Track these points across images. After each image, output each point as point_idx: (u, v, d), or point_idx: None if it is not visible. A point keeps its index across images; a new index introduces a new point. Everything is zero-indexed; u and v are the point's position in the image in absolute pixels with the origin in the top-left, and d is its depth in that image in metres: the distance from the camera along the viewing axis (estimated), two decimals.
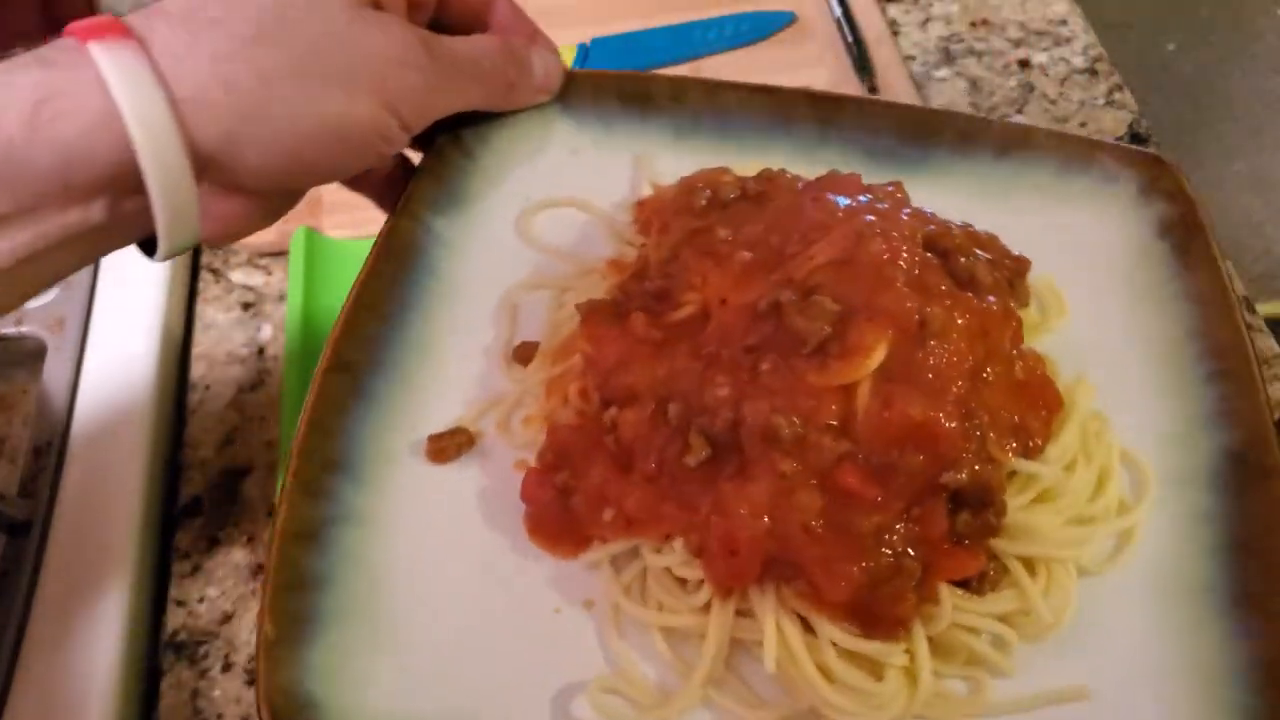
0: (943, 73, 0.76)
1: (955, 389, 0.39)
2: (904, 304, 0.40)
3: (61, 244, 0.36)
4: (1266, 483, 0.42)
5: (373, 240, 0.48)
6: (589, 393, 0.45)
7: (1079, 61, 0.76)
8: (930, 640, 0.40)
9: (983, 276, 0.43)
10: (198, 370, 0.63)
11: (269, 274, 0.67)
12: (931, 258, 0.42)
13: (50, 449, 0.55)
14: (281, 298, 0.66)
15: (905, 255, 0.41)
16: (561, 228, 0.53)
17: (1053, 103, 0.73)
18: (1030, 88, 0.74)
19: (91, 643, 0.49)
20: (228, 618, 0.53)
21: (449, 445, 0.46)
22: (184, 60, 0.37)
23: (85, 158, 0.35)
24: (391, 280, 0.48)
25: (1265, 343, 0.61)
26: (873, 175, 0.49)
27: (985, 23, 0.79)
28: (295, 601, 0.40)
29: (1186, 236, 0.49)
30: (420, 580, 0.43)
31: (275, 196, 0.42)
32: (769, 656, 0.39)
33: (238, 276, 0.67)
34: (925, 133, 0.53)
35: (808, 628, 0.40)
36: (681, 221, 0.48)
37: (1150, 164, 0.51)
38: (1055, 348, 0.47)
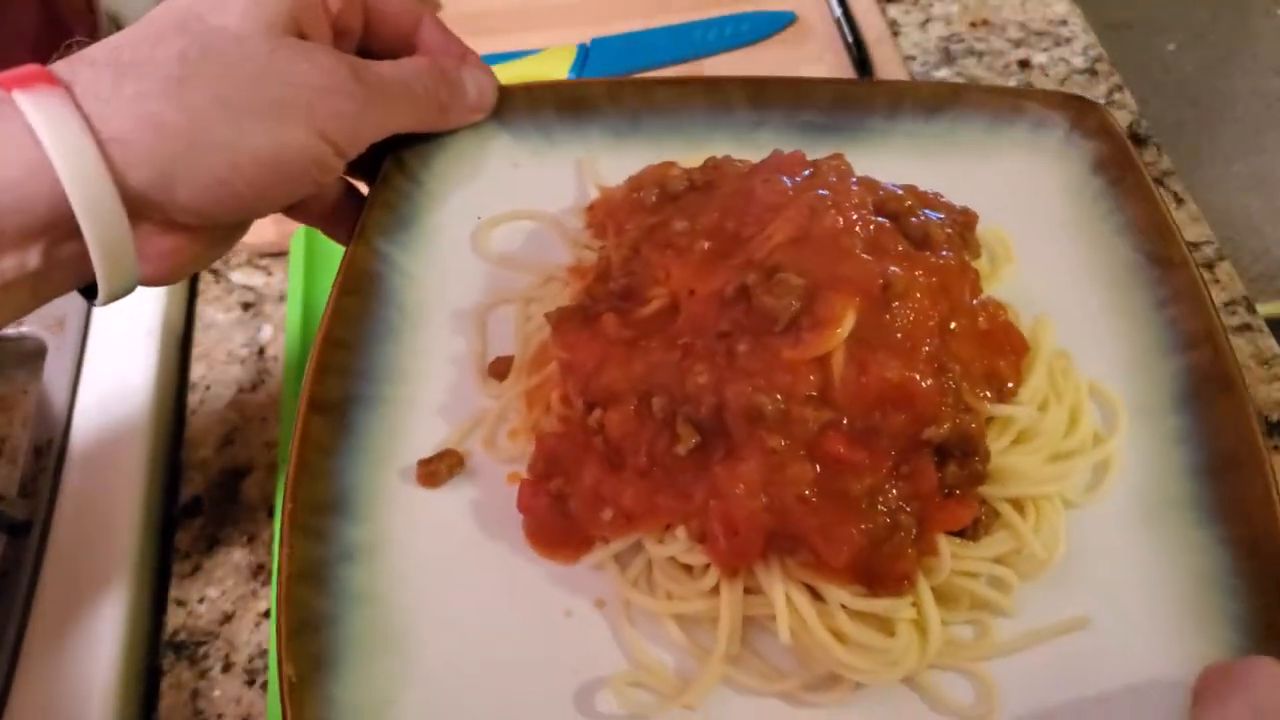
0: (943, 73, 0.76)
1: (925, 346, 0.41)
2: (866, 270, 0.41)
3: (2, 291, 0.36)
4: (1228, 394, 0.43)
5: None
6: (570, 398, 0.45)
7: (1079, 62, 0.76)
8: (934, 591, 0.41)
9: (936, 234, 0.44)
10: (198, 370, 0.63)
11: (269, 274, 0.67)
12: (885, 222, 0.44)
13: (50, 449, 0.55)
14: (282, 298, 0.66)
15: (859, 223, 0.43)
16: (517, 240, 0.53)
17: None
18: (1030, 88, 0.74)
19: (92, 643, 0.49)
20: (228, 618, 0.53)
21: (439, 468, 0.46)
22: (110, 102, 0.37)
23: (19, 206, 0.35)
24: (357, 313, 0.48)
25: (1265, 343, 0.61)
26: (812, 150, 0.49)
27: (985, 23, 0.79)
28: (310, 643, 0.40)
29: (1119, 171, 0.51)
30: (429, 604, 0.43)
31: (215, 231, 0.42)
32: (783, 628, 0.40)
33: (238, 277, 0.67)
34: (855, 102, 0.54)
35: (816, 596, 0.41)
36: (637, 219, 0.49)
37: (1076, 104, 0.53)
38: (1009, 294, 0.48)
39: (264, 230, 0.66)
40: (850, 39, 0.75)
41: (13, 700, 0.48)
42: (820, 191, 0.44)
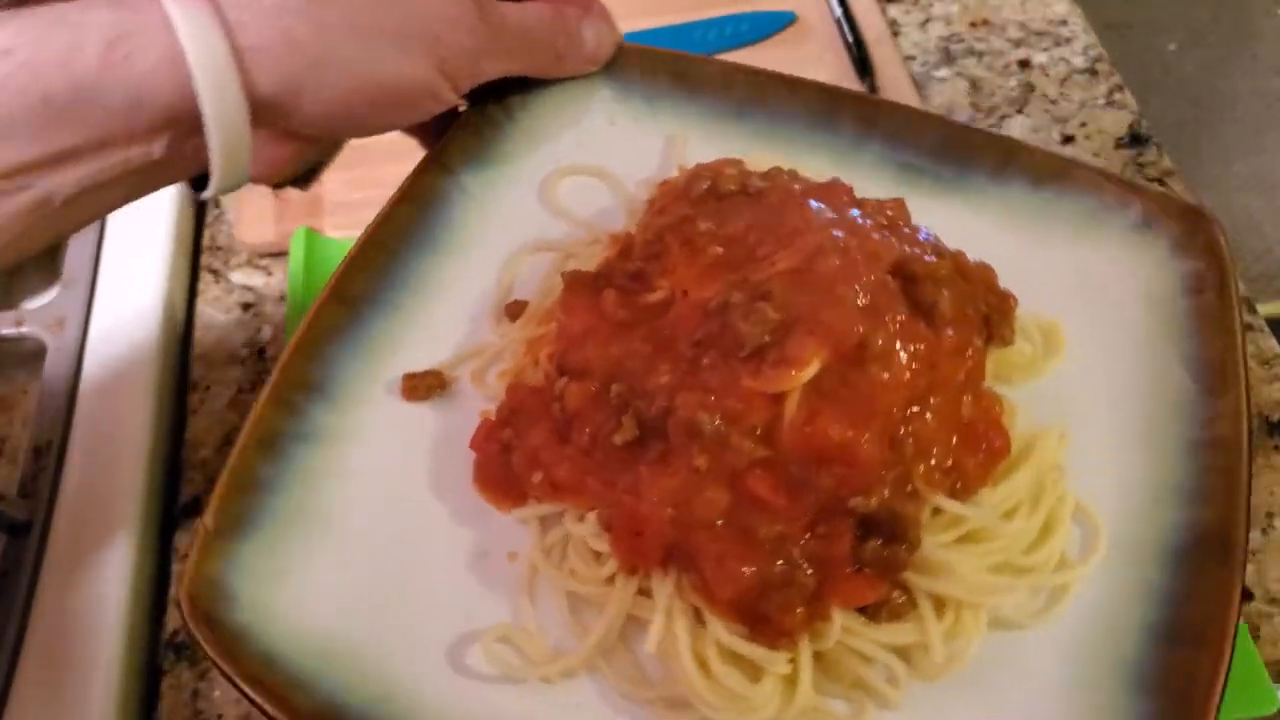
0: (943, 73, 0.76)
1: (885, 416, 0.39)
2: (847, 323, 0.39)
3: (121, 178, 0.38)
4: (1222, 571, 0.40)
5: None
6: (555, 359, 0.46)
7: (1079, 62, 0.76)
8: (818, 656, 0.40)
9: (945, 308, 0.42)
10: (198, 371, 0.63)
11: (269, 274, 0.67)
12: (891, 281, 0.42)
13: (50, 449, 0.55)
14: (281, 298, 0.66)
15: (862, 274, 0.41)
16: (584, 195, 0.54)
17: (1053, 103, 0.73)
18: (1030, 88, 0.74)
19: (92, 643, 0.49)
20: None
21: (421, 385, 0.48)
22: (248, 10, 0.38)
23: (151, 97, 0.37)
24: (407, 222, 0.50)
25: (1266, 343, 0.61)
26: (904, 189, 0.50)
27: (985, 23, 0.79)
28: (242, 503, 0.42)
29: (1212, 299, 0.47)
30: (362, 505, 0.45)
31: (325, 142, 0.45)
32: (652, 637, 0.40)
33: (238, 277, 0.67)
34: (965, 152, 0.52)
35: (701, 620, 0.40)
36: (675, 207, 0.49)
37: (1192, 216, 0.49)
38: (1044, 390, 0.47)
39: (264, 230, 0.66)
40: (850, 39, 0.75)
41: (13, 700, 0.48)
42: (837, 232, 0.43)
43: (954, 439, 0.42)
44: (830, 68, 0.74)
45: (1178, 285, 0.48)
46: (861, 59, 0.73)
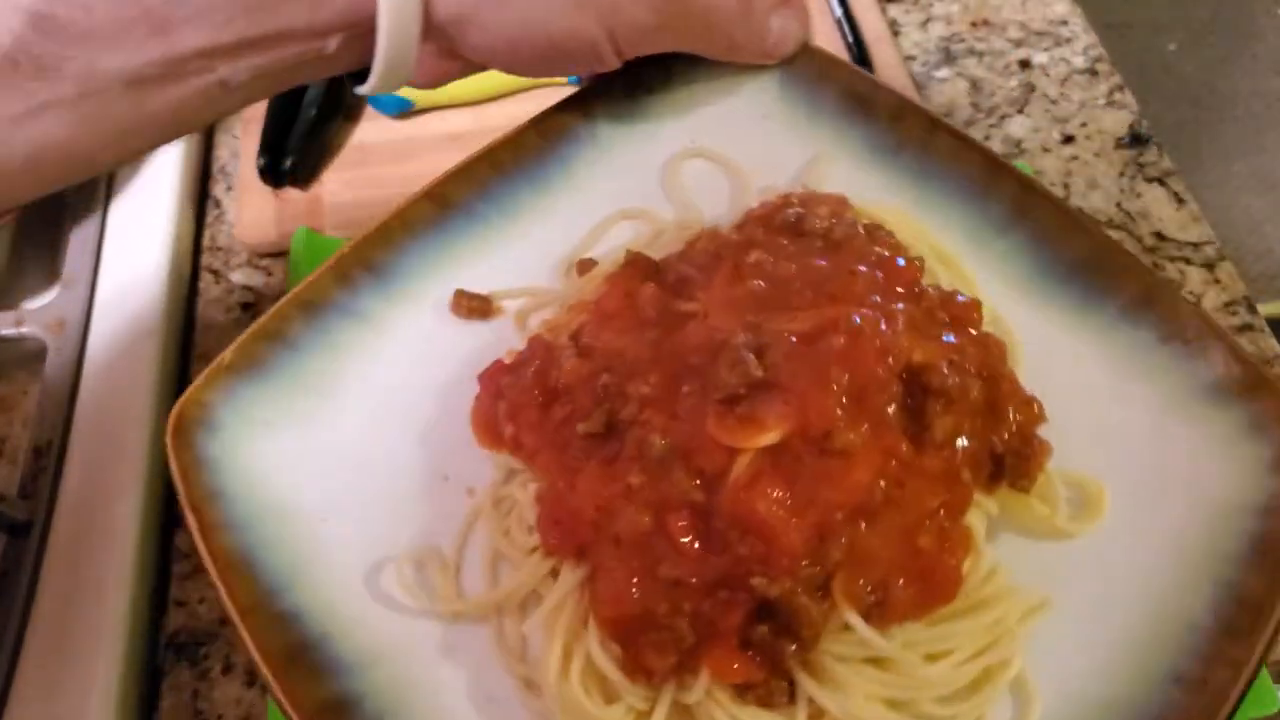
0: (943, 73, 0.76)
1: (823, 512, 0.38)
2: (821, 407, 0.38)
3: (291, 67, 0.40)
4: None
5: None
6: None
7: (1079, 62, 0.76)
8: (681, 706, 0.39)
9: (937, 434, 0.40)
10: (198, 371, 0.63)
11: (269, 275, 0.67)
12: (895, 384, 0.40)
13: (51, 450, 0.55)
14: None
15: (865, 365, 0.39)
16: (708, 181, 0.53)
17: (1053, 103, 0.73)
18: (1031, 88, 0.74)
19: (92, 643, 0.49)
20: (229, 618, 0.53)
21: (470, 304, 0.49)
22: None
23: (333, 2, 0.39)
24: (529, 148, 0.51)
25: (1266, 343, 0.61)
26: (1026, 288, 0.48)
27: (985, 23, 0.79)
28: (264, 350, 0.45)
29: None
30: (367, 394, 0.47)
31: (483, 67, 0.46)
32: (534, 620, 0.41)
33: (238, 277, 0.67)
34: (1108, 275, 0.47)
35: (586, 624, 0.40)
36: (751, 226, 0.48)
37: None
38: (1052, 548, 0.43)
39: (264, 230, 0.66)
40: (850, 39, 0.75)
41: (13, 701, 0.48)
42: (865, 313, 0.40)
43: (895, 562, 0.39)
44: None
45: (1259, 504, 0.42)
46: (861, 59, 0.73)
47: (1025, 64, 0.76)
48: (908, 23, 0.79)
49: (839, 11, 0.77)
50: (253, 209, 0.67)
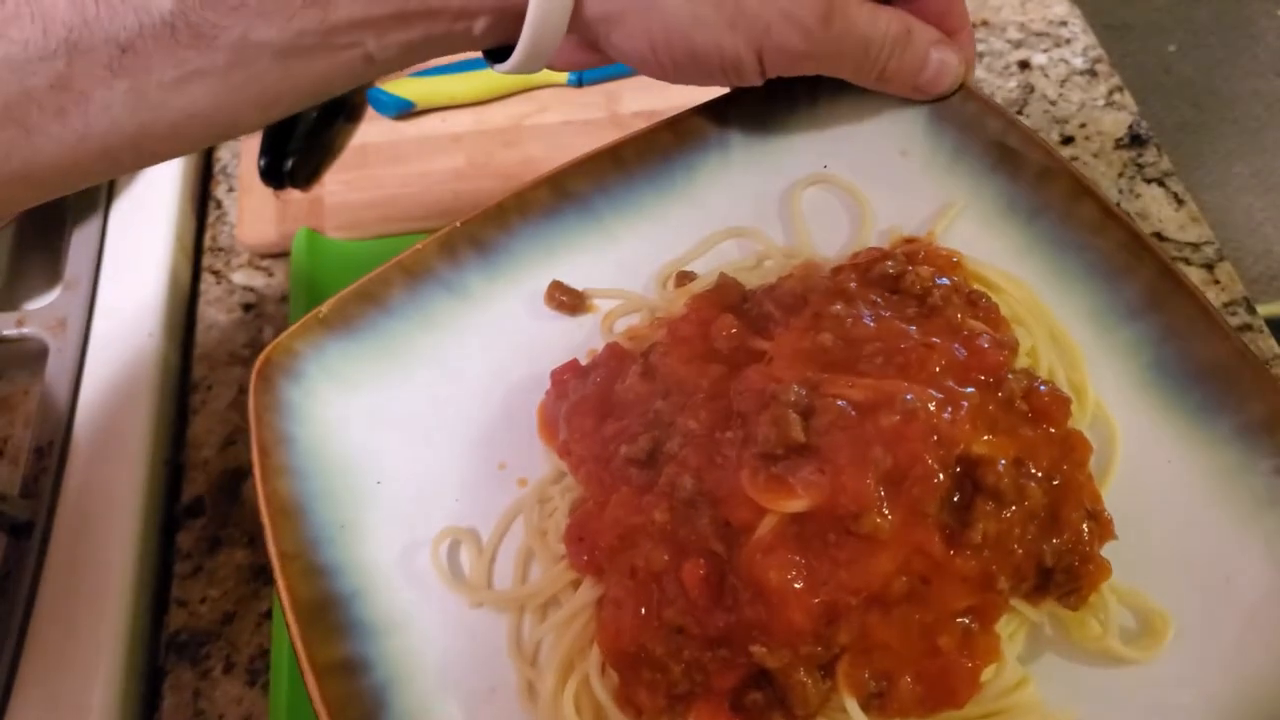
0: None
1: (837, 592, 0.36)
2: (856, 486, 0.35)
3: (435, 43, 0.41)
4: None
5: (375, 241, 0.48)
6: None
7: (1079, 63, 0.76)
8: None
9: (976, 535, 0.37)
10: (199, 371, 0.63)
11: (270, 275, 0.67)
12: (944, 476, 0.36)
13: (52, 450, 0.55)
14: (283, 299, 0.66)
15: (913, 450, 0.36)
16: (828, 209, 0.51)
17: (1053, 104, 0.73)
18: (1030, 89, 0.74)
19: (93, 643, 0.49)
20: (229, 618, 0.53)
21: (562, 297, 0.49)
22: None
23: None
24: (657, 149, 0.50)
25: (1266, 343, 0.61)
26: (1136, 401, 0.43)
27: (985, 23, 0.79)
28: (360, 309, 0.46)
29: None
30: (448, 370, 0.47)
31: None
32: (548, 628, 0.41)
33: (239, 278, 0.67)
34: (1235, 384, 0.42)
35: (592, 644, 0.40)
36: (847, 274, 0.45)
37: None
38: (1113, 678, 0.39)
39: (265, 231, 0.66)
40: None
41: (14, 700, 0.48)
42: (910, 396, 0.37)
43: (906, 657, 0.37)
44: None
45: None
46: None
47: (1025, 65, 0.76)
48: None
49: None
50: (253, 210, 0.67)
